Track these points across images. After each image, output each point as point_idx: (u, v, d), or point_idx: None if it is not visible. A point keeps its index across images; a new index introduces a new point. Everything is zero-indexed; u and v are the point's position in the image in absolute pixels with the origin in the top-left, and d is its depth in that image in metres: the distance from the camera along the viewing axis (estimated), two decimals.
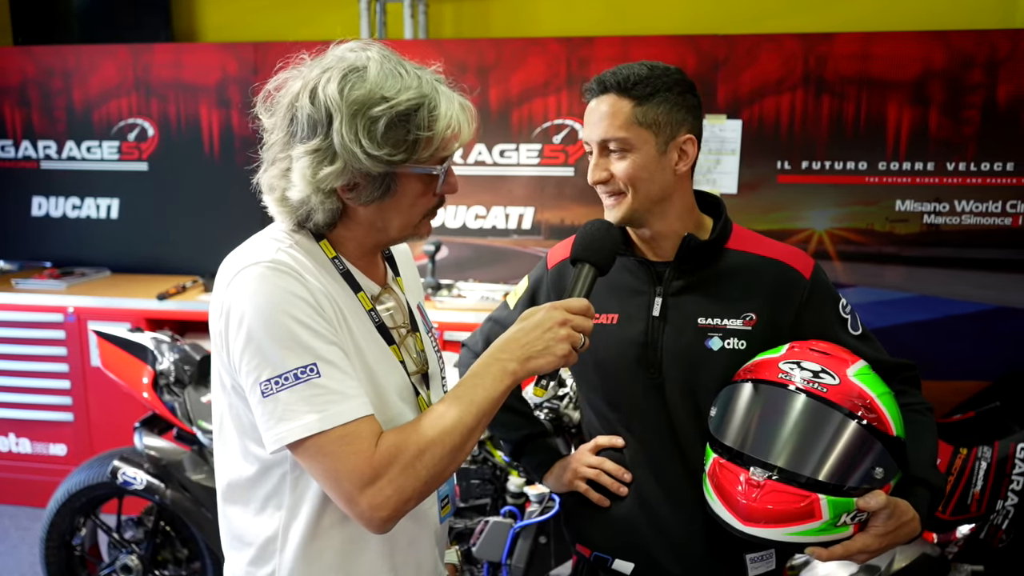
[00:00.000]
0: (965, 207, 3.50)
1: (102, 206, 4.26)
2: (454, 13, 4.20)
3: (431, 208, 1.25)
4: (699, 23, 3.85)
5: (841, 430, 1.25)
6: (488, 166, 3.83)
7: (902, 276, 3.60)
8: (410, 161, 1.15)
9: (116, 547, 2.78)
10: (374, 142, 1.12)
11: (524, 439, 1.66)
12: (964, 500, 2.91)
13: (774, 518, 1.23)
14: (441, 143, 1.16)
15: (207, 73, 4.00)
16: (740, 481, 1.26)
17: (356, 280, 1.26)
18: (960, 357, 3.57)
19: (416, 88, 1.14)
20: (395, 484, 1.11)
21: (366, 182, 1.16)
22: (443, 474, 1.16)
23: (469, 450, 1.19)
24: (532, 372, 1.20)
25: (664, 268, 1.46)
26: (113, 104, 4.12)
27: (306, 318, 1.12)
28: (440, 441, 1.14)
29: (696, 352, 1.43)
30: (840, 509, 1.22)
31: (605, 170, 1.42)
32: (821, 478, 1.23)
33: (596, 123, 1.41)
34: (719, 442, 1.32)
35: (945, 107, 3.43)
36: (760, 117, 3.58)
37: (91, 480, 2.71)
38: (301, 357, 1.10)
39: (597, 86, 1.41)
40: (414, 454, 1.12)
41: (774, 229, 3.61)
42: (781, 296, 1.45)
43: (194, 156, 4.08)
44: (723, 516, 1.29)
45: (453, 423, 1.15)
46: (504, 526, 2.24)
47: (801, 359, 1.33)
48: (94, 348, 3.66)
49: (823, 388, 1.27)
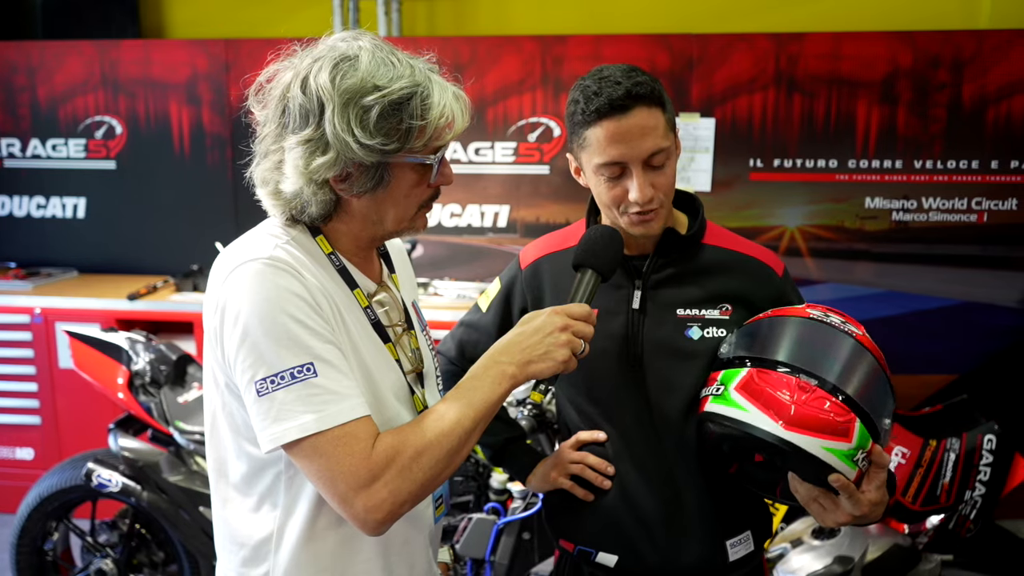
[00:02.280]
0: (932, 204, 3.58)
1: (68, 205, 4.17)
2: (428, 11, 4.19)
3: (426, 200, 1.23)
4: (672, 22, 3.89)
5: (877, 371, 1.31)
6: (463, 164, 3.83)
7: (872, 272, 3.66)
8: (403, 151, 1.14)
9: (90, 551, 2.73)
10: (367, 131, 1.10)
11: (504, 443, 1.65)
12: (934, 491, 2.96)
13: (816, 426, 1.23)
14: (435, 132, 1.15)
15: (177, 70, 3.94)
16: (790, 385, 1.26)
17: (352, 277, 1.25)
18: (928, 351, 3.65)
19: (409, 77, 1.12)
20: (391, 486, 1.10)
21: (359, 172, 1.15)
22: (440, 477, 1.15)
23: (467, 453, 1.17)
24: (531, 376, 1.20)
25: (642, 262, 1.47)
26: (79, 101, 4.04)
27: (303, 316, 1.10)
28: (438, 443, 1.13)
29: (677, 342, 1.44)
30: (863, 441, 1.24)
31: (651, 186, 1.35)
32: (863, 404, 1.26)
33: (639, 138, 1.32)
34: (758, 358, 1.33)
35: (912, 106, 3.50)
36: (733, 116, 3.62)
37: (64, 483, 2.65)
38: (298, 356, 1.09)
39: (627, 99, 1.31)
40: (411, 456, 1.11)
41: (747, 226, 3.66)
42: (756, 290, 1.47)
43: (164, 154, 4.02)
44: (759, 424, 1.26)
45: (451, 426, 1.14)
46: (487, 523, 2.24)
47: (825, 311, 1.38)
48: (63, 350, 3.59)
49: (857, 330, 1.34)
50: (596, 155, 1.36)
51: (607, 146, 1.34)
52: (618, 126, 1.32)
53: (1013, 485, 3.02)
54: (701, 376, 1.42)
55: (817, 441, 1.23)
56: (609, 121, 1.32)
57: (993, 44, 3.41)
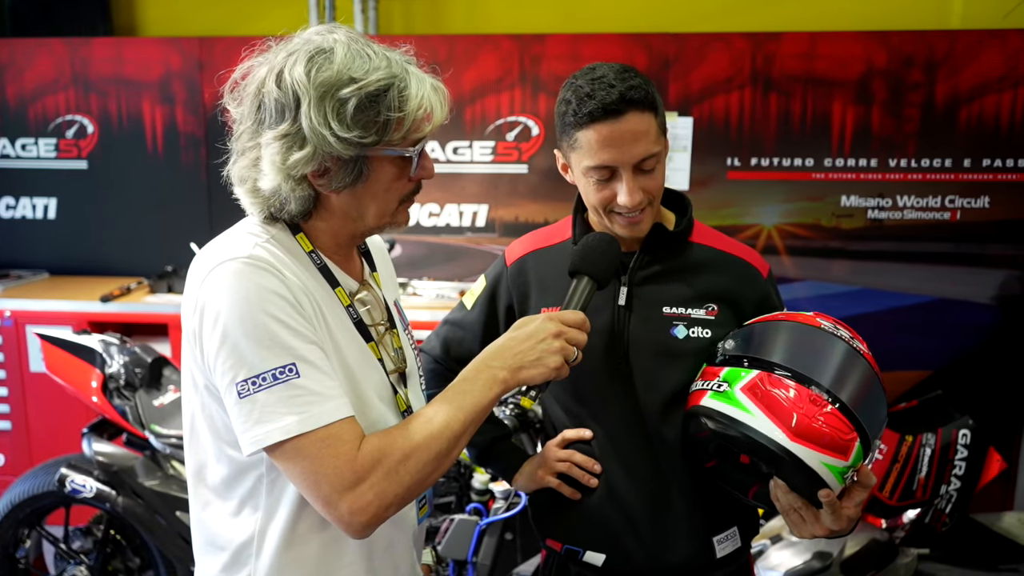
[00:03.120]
0: (906, 202, 3.61)
1: (39, 206, 4.09)
2: (404, 9, 4.17)
3: (407, 194, 1.22)
4: (649, 22, 3.90)
5: (881, 392, 1.32)
6: (441, 163, 3.81)
7: (847, 270, 3.70)
8: (381, 143, 1.12)
9: (63, 558, 2.68)
10: (344, 124, 1.09)
11: (491, 442, 1.64)
12: (910, 486, 3.00)
13: (821, 441, 1.23)
14: (413, 124, 1.13)
15: (150, 68, 3.89)
16: (804, 397, 1.25)
17: (333, 275, 1.23)
18: (903, 348, 3.69)
19: (385, 69, 1.11)
20: (377, 489, 1.08)
21: (337, 167, 1.13)
22: (427, 480, 1.13)
23: (455, 457, 1.16)
24: (523, 382, 1.19)
25: (629, 259, 1.46)
26: (50, 100, 3.97)
27: (285, 316, 1.08)
28: (426, 447, 1.12)
29: (662, 340, 1.43)
30: (857, 460, 1.25)
31: (641, 190, 1.34)
32: (867, 425, 1.26)
33: (630, 144, 1.31)
34: (768, 361, 1.32)
35: (887, 105, 3.54)
36: (710, 115, 3.64)
37: (36, 489, 2.60)
38: (280, 357, 1.07)
39: (619, 104, 1.29)
40: (399, 459, 1.10)
41: (725, 225, 3.68)
42: (742, 290, 1.47)
43: (137, 154, 3.96)
44: (763, 429, 1.26)
45: (440, 429, 1.13)
46: (469, 524, 2.23)
47: (835, 324, 1.37)
48: (34, 353, 3.53)
49: (865, 350, 1.34)
50: (587, 158, 1.34)
51: (598, 150, 1.32)
52: (611, 131, 1.31)
53: (987, 479, 3.06)
54: (686, 375, 1.42)
55: (818, 456, 1.23)
56: (602, 125, 1.31)
57: (965, 44, 3.45)
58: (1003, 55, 3.43)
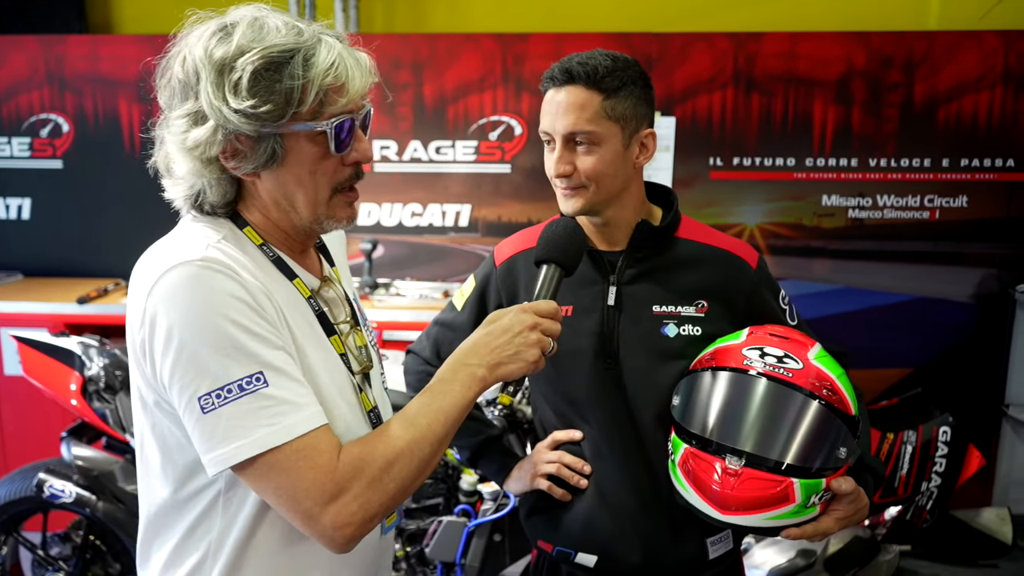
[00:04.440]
0: (886, 202, 3.65)
1: (12, 206, 4.02)
2: (386, 8, 4.14)
3: (341, 182, 1.13)
4: (632, 21, 3.90)
5: (810, 414, 1.27)
6: (424, 163, 3.79)
7: (828, 269, 3.73)
8: (288, 118, 1.04)
9: (41, 565, 2.64)
10: (239, 95, 1.02)
11: (482, 444, 1.63)
12: (891, 483, 3.02)
13: (752, 505, 1.24)
14: (324, 95, 1.05)
15: (126, 66, 3.83)
16: (716, 471, 1.25)
17: (289, 267, 1.16)
18: (883, 346, 3.72)
19: (290, 37, 1.05)
20: (361, 499, 1.03)
21: (248, 147, 1.06)
22: (411, 486, 1.08)
23: (438, 460, 1.12)
24: (501, 378, 1.16)
25: (616, 257, 1.46)
26: (23, 98, 3.90)
27: (247, 321, 1.01)
28: (409, 452, 1.07)
29: (653, 339, 1.43)
30: (811, 491, 1.25)
31: (570, 163, 1.38)
32: (795, 462, 1.24)
33: (562, 114, 1.36)
34: (688, 431, 1.32)
35: (867, 105, 3.57)
36: (693, 114, 3.65)
37: (12, 495, 2.55)
38: (245, 366, 0.99)
39: (562, 75, 1.36)
40: (382, 467, 1.05)
41: (708, 224, 3.68)
42: (731, 284, 1.47)
43: (113, 153, 3.90)
44: (699, 506, 1.29)
45: (423, 433, 1.08)
46: (458, 525, 2.22)
47: (763, 344, 1.35)
48: (8, 356, 3.46)
49: (788, 373, 1.29)
50: (541, 122, 1.42)
51: (543, 115, 1.41)
52: (550, 98, 1.40)
53: (967, 476, 3.10)
54: (678, 374, 1.41)
55: (758, 516, 1.24)
56: (549, 91, 1.40)
57: (943, 45, 3.49)
58: (980, 55, 3.48)
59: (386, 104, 3.72)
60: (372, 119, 1.16)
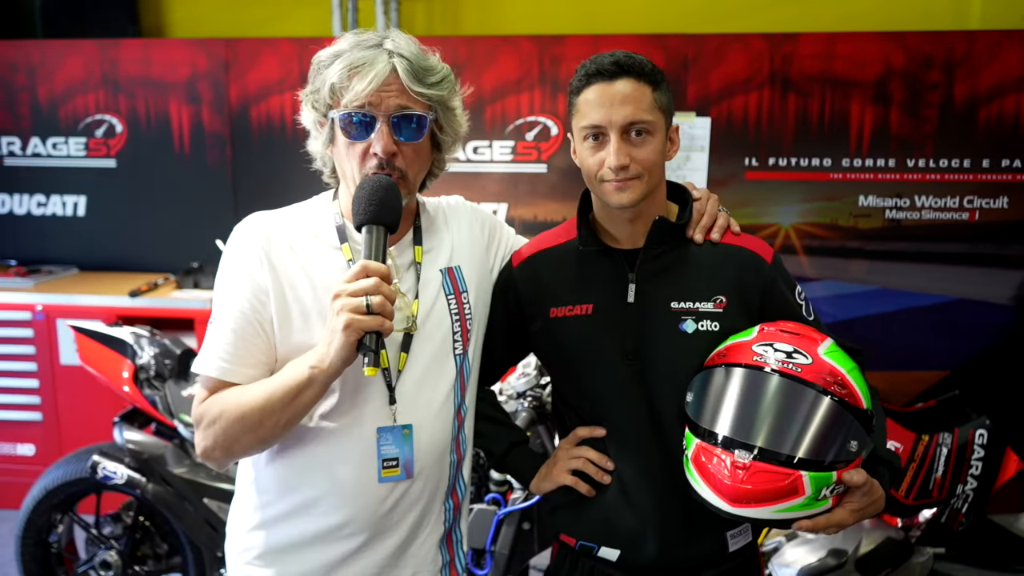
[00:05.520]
0: (924, 202, 3.62)
1: (68, 203, 4.19)
2: (426, 10, 4.23)
3: (364, 168, 1.33)
4: (668, 22, 3.93)
5: (819, 408, 1.29)
6: (461, 163, 3.86)
7: (865, 270, 3.71)
8: (324, 106, 1.34)
9: (94, 543, 2.76)
10: (310, 85, 1.36)
11: (508, 448, 1.67)
12: (926, 485, 3.00)
13: (761, 498, 1.26)
14: (337, 92, 1.31)
15: (176, 69, 3.97)
16: (726, 465, 1.28)
17: (347, 233, 1.40)
18: (920, 348, 3.69)
19: (340, 47, 1.32)
20: (202, 437, 1.34)
21: (321, 126, 1.37)
22: (239, 439, 1.30)
23: (269, 425, 1.28)
24: (332, 360, 1.23)
25: (634, 256, 1.48)
26: (80, 100, 4.07)
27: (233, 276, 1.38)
28: (233, 411, 1.30)
29: (672, 335, 1.45)
30: (821, 484, 1.27)
31: (627, 155, 1.38)
32: (803, 455, 1.26)
33: (618, 105, 1.37)
34: (699, 427, 1.35)
35: (905, 106, 3.55)
36: (728, 115, 3.66)
37: (69, 476, 2.67)
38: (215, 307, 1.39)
39: (613, 67, 1.37)
40: (211, 419, 1.32)
41: (742, 224, 3.66)
42: (747, 280, 1.48)
43: (164, 153, 4.04)
44: (711, 500, 1.31)
45: (248, 399, 1.29)
46: (488, 513, 2.28)
47: (773, 340, 1.37)
48: (64, 346, 3.62)
49: (797, 368, 1.31)
50: (582, 119, 1.41)
51: (591, 109, 1.39)
52: (602, 91, 1.38)
53: (1004, 479, 3.06)
54: (695, 369, 1.43)
55: (768, 509, 1.26)
56: (596, 85, 1.39)
57: (984, 45, 3.46)
58: (1022, 55, 3.43)
59: None
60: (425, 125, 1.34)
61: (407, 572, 1.44)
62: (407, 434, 1.36)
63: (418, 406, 1.39)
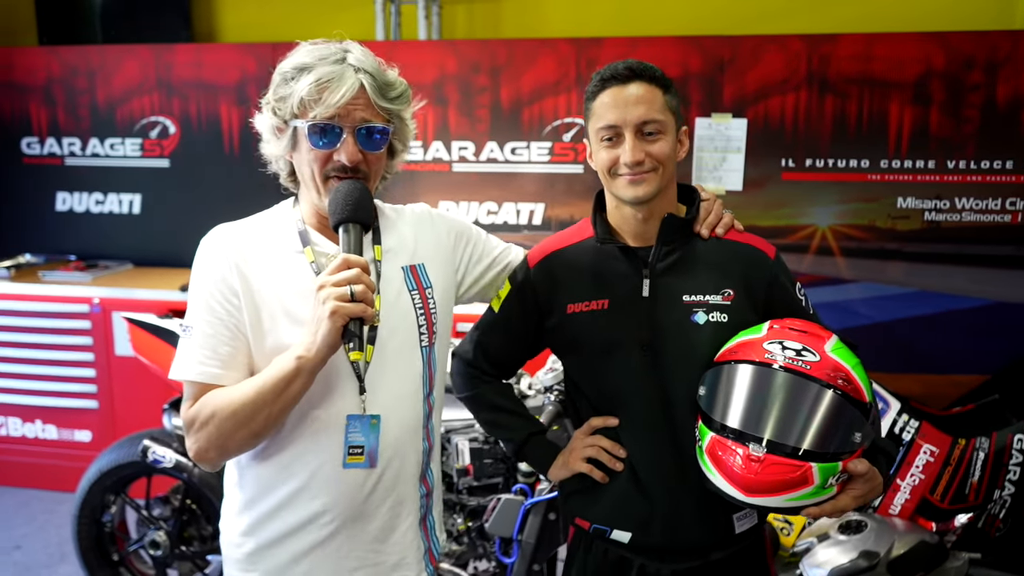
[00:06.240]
0: (965, 204, 3.58)
1: (124, 201, 4.38)
2: (467, 14, 4.31)
3: (329, 171, 1.41)
4: (704, 24, 3.95)
5: (827, 403, 1.37)
6: (500, 163, 3.94)
7: (903, 272, 3.68)
8: (289, 115, 1.40)
9: (144, 524, 2.90)
10: (273, 93, 1.43)
11: (527, 438, 1.75)
12: (962, 490, 2.98)
13: (773, 488, 1.34)
14: (307, 103, 1.38)
15: (227, 72, 4.12)
16: (740, 457, 1.36)
17: (309, 237, 1.48)
18: (960, 351, 3.65)
19: (309, 59, 1.40)
20: (194, 439, 1.40)
21: (281, 133, 1.44)
22: (233, 435, 1.37)
23: (261, 419, 1.36)
24: (320, 347, 1.31)
25: (646, 252, 1.56)
26: (136, 102, 4.24)
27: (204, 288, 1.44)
28: (224, 409, 1.36)
29: (684, 327, 1.53)
30: (828, 473, 1.34)
31: (641, 151, 1.48)
32: (812, 448, 1.34)
33: (632, 106, 1.48)
34: (714, 420, 1.42)
35: (945, 106, 3.52)
36: (765, 116, 3.67)
37: (121, 459, 2.82)
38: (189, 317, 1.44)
39: (626, 71, 1.49)
40: (204, 420, 1.38)
41: (779, 225, 3.71)
42: (752, 274, 1.57)
43: (214, 153, 4.19)
44: (725, 489, 1.39)
45: (238, 396, 1.36)
46: (515, 503, 2.35)
47: (783, 339, 1.45)
48: (119, 337, 3.79)
49: (806, 365, 1.39)
50: (599, 120, 1.51)
51: (606, 111, 1.50)
52: (616, 94, 1.49)
53: None
54: (706, 358, 1.51)
55: (779, 498, 1.35)
56: (611, 89, 1.50)
57: None
58: None
59: (465, 107, 3.90)
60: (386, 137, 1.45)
61: (393, 558, 1.51)
62: (375, 424, 1.44)
63: (387, 396, 1.46)
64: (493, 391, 1.78)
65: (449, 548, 2.50)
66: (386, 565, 1.51)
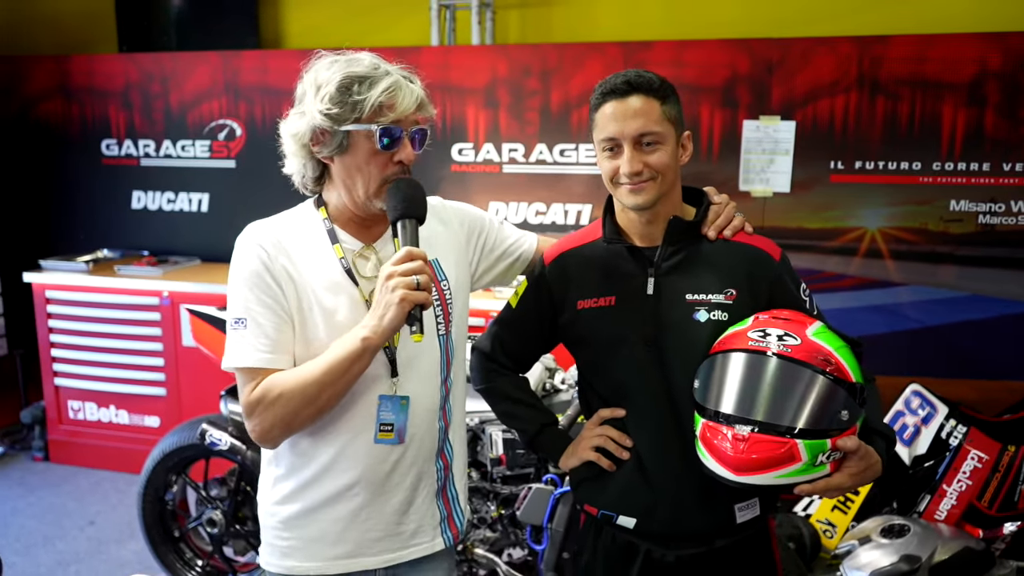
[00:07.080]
0: (1021, 207, 3.51)
1: (194, 200, 4.62)
2: (519, 19, 4.40)
3: (390, 175, 1.51)
4: (753, 26, 3.96)
5: (808, 382, 1.43)
6: (548, 165, 4.02)
7: (955, 275, 3.62)
8: (350, 120, 1.46)
9: (203, 503, 3.08)
10: (325, 102, 1.47)
11: (539, 429, 1.83)
12: (1011, 497, 2.93)
13: (761, 465, 1.40)
14: (377, 107, 1.46)
15: (290, 77, 4.20)
16: (728, 438, 1.43)
17: (336, 236, 1.57)
18: (1014, 357, 3.58)
19: (367, 71, 1.48)
20: (259, 419, 1.47)
21: (328, 137, 1.49)
22: (299, 413, 1.46)
23: (326, 397, 1.47)
24: (385, 329, 1.42)
25: (653, 252, 1.63)
26: (205, 106, 4.48)
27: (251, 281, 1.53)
28: (292, 388, 1.45)
29: (686, 324, 1.59)
30: (816, 450, 1.40)
31: (640, 162, 1.55)
32: (795, 424, 1.40)
33: (630, 119, 1.53)
34: (705, 408, 1.49)
35: (1001, 108, 3.46)
36: (814, 118, 3.67)
37: (183, 442, 3.01)
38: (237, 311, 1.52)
39: (624, 86, 1.55)
40: (271, 400, 1.46)
41: (827, 227, 3.70)
42: (756, 274, 1.62)
43: (278, 155, 4.34)
44: (717, 471, 1.46)
45: (306, 375, 1.46)
46: (545, 492, 2.43)
47: (766, 327, 1.51)
48: (186, 329, 4.00)
49: (787, 348, 1.46)
50: (600, 131, 1.58)
51: (607, 123, 1.56)
52: (615, 107, 1.55)
53: None
54: (706, 354, 1.56)
55: (769, 475, 1.40)
56: (610, 102, 1.56)
57: None
58: None
59: (516, 110, 4.00)
60: (427, 138, 1.57)
61: (411, 526, 1.63)
62: (404, 404, 1.56)
63: (412, 379, 1.58)
64: (509, 384, 1.86)
65: (484, 535, 2.60)
66: (405, 535, 1.62)
